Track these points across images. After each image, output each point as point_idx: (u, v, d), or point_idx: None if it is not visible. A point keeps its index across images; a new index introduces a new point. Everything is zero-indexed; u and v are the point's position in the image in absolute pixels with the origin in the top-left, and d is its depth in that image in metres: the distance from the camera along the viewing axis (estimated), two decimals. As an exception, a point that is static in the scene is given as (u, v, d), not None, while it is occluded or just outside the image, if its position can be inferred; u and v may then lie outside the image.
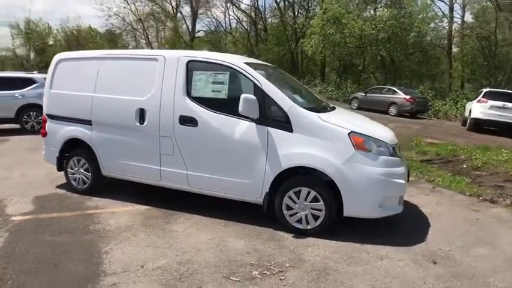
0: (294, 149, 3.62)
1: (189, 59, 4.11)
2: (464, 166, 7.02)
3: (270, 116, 3.71)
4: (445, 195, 5.31)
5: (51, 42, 45.42)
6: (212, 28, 38.33)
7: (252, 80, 3.82)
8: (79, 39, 41.84)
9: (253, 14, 35.11)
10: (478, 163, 7.02)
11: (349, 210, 3.57)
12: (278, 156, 3.65)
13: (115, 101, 4.40)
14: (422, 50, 24.54)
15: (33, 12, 71.30)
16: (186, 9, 38.52)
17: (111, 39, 39.70)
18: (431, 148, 8.45)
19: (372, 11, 25.56)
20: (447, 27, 25.21)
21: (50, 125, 4.95)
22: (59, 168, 4.91)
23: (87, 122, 4.61)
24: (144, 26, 38.19)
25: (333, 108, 4.42)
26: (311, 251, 3.41)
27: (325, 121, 3.64)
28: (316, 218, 3.65)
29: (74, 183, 4.87)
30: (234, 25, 38.26)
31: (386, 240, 3.59)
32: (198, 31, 38.41)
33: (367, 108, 17.17)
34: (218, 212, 4.14)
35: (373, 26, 22.58)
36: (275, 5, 33.40)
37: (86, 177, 4.77)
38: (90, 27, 41.37)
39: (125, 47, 38.42)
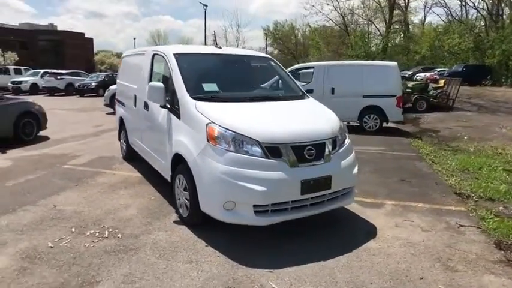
0: (178, 135, 3.73)
1: (153, 53, 4.82)
2: None
3: (172, 104, 3.95)
4: None
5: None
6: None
7: (170, 69, 4.16)
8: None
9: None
10: None
11: (203, 206, 3.34)
12: (172, 142, 3.87)
13: (129, 88, 5.66)
14: None
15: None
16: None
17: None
18: None
19: None
20: None
21: (115, 106, 6.80)
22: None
23: (123, 104, 6.11)
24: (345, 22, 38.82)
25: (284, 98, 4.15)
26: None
27: (197, 109, 3.53)
28: (187, 207, 3.63)
29: (121, 151, 6.52)
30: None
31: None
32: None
33: None
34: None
35: None
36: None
37: (124, 147, 6.31)
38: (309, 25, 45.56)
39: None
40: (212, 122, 3.33)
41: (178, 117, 3.79)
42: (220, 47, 4.79)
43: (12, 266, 2.90)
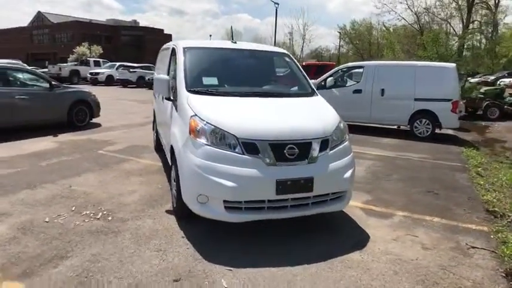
0: (173, 127, 3.80)
1: (173, 47, 4.97)
2: None
3: (175, 97, 4.04)
4: None
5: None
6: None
7: (176, 62, 4.25)
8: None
9: None
10: None
11: (184, 198, 3.34)
12: (169, 134, 3.98)
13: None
14: None
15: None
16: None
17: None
18: None
19: None
20: None
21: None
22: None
23: (155, 96, 6.44)
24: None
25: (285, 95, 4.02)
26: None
27: (188, 102, 3.55)
28: (176, 198, 3.65)
29: (153, 142, 6.86)
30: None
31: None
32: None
33: None
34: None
35: None
36: None
37: (154, 138, 6.65)
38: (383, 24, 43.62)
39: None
40: (195, 114, 3.35)
41: (176, 109, 3.87)
42: (235, 42, 4.77)
43: (7, 234, 3.24)
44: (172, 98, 4.06)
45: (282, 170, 3.10)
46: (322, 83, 10.36)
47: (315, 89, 4.39)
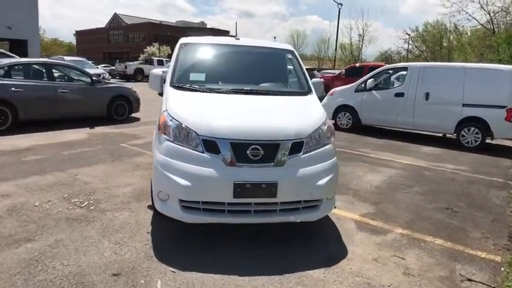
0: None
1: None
2: None
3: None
4: None
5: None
6: None
7: (172, 58, 4.26)
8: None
9: None
10: None
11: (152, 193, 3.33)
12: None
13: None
14: None
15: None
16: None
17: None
18: None
19: None
20: None
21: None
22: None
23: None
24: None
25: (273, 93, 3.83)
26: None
27: (168, 98, 3.52)
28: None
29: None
30: None
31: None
32: None
33: None
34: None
35: None
36: None
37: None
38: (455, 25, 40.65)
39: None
40: (166, 110, 3.31)
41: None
42: (238, 38, 4.65)
43: (-5, 214, 3.52)
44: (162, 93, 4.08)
45: (242, 172, 2.92)
46: (362, 85, 9.78)
47: (312, 88, 4.10)
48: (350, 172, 5.75)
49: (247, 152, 2.94)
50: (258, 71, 4.35)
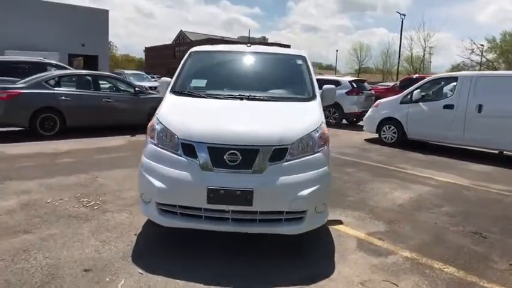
0: None
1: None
2: None
3: None
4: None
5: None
6: None
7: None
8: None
9: None
10: None
11: None
12: None
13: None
14: None
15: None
16: None
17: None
18: None
19: None
20: None
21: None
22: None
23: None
24: None
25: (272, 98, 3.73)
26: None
27: (163, 103, 3.58)
28: None
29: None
30: None
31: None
32: None
33: None
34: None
35: None
36: None
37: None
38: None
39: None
40: (156, 114, 3.38)
41: None
42: (250, 45, 4.64)
43: (9, 207, 3.85)
44: None
45: (217, 177, 2.84)
46: (408, 96, 9.13)
47: (317, 94, 3.91)
48: (375, 188, 5.34)
49: (225, 156, 2.86)
50: (264, 77, 4.27)
